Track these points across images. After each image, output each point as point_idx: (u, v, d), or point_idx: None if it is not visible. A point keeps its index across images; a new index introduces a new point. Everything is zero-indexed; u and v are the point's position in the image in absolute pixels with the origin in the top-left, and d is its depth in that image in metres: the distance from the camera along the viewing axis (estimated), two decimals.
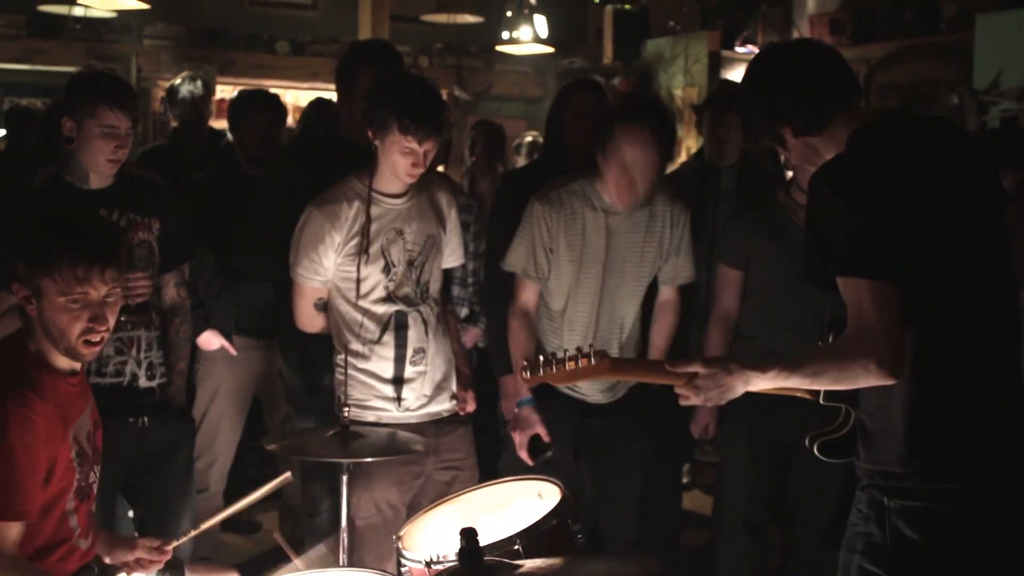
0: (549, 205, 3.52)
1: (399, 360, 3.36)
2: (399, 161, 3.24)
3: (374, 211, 3.32)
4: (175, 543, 2.86)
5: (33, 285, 2.47)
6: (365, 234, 3.29)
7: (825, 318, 2.67)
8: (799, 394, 2.50)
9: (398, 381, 3.36)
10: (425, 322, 3.39)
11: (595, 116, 3.76)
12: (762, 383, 2.38)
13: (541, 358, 2.50)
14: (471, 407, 3.55)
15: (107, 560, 2.78)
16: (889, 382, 2.22)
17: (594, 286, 3.53)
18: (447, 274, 3.71)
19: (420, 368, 3.39)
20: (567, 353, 2.47)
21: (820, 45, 2.48)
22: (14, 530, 2.40)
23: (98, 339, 2.53)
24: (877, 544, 2.34)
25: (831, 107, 2.36)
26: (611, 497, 3.69)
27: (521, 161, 6.27)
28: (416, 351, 3.37)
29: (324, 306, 3.42)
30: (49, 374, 2.53)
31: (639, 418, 3.66)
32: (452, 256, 3.58)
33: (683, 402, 2.48)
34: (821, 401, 2.49)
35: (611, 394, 3.65)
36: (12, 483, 2.38)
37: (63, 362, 2.56)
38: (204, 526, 2.96)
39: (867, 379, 2.23)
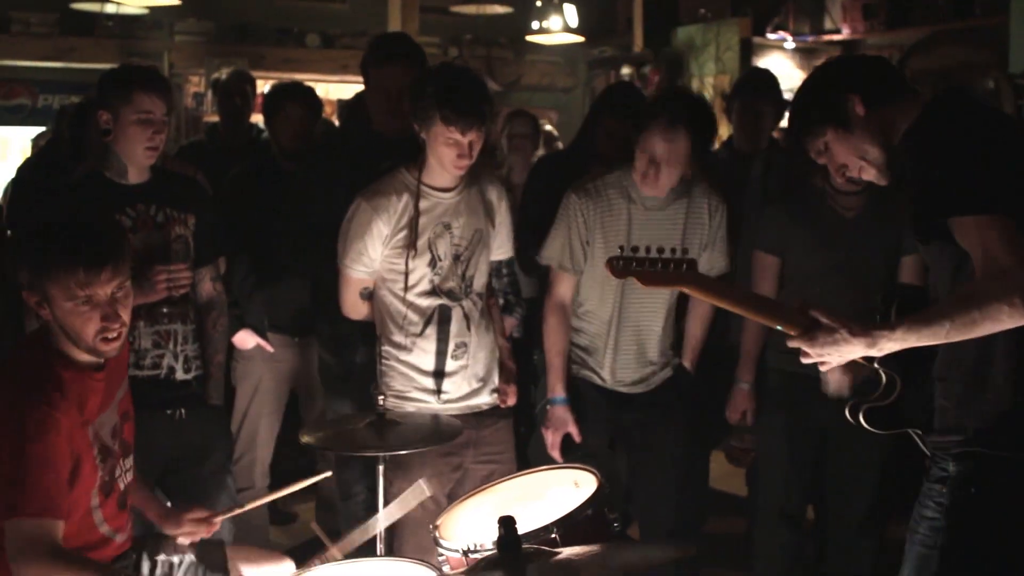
0: (586, 196, 3.52)
1: (440, 354, 3.37)
2: (444, 153, 3.24)
3: (422, 204, 3.31)
4: (221, 516, 2.96)
5: (40, 291, 2.49)
6: (413, 228, 3.29)
7: (879, 297, 2.60)
8: (859, 359, 2.42)
9: (439, 374, 3.37)
10: (467, 316, 3.40)
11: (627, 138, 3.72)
12: (892, 345, 2.29)
13: (628, 255, 2.46)
14: (512, 401, 3.55)
15: (164, 530, 2.89)
16: None
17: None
18: None
19: (462, 362, 3.39)
20: (659, 254, 2.45)
21: None
22: (59, 528, 2.41)
23: (115, 335, 2.54)
24: (963, 529, 2.30)
25: (900, 81, 2.44)
26: (647, 489, 3.67)
27: (539, 151, 6.22)
28: (458, 345, 3.38)
29: (369, 295, 3.43)
30: (72, 370, 2.54)
31: (674, 411, 3.65)
32: (501, 249, 3.58)
33: (805, 359, 2.39)
34: (875, 365, 2.43)
35: (644, 385, 3.64)
36: (50, 481, 2.39)
37: (86, 358, 2.57)
38: (248, 506, 3.13)
39: (1011, 319, 2.15)
